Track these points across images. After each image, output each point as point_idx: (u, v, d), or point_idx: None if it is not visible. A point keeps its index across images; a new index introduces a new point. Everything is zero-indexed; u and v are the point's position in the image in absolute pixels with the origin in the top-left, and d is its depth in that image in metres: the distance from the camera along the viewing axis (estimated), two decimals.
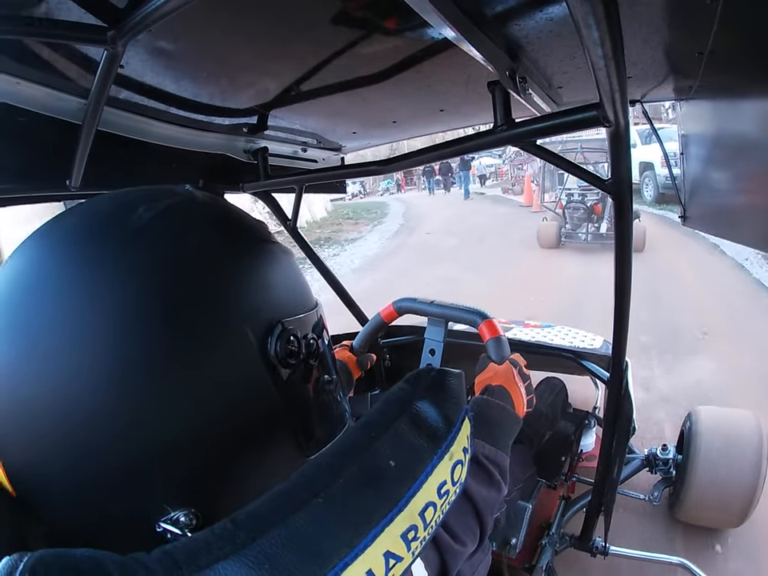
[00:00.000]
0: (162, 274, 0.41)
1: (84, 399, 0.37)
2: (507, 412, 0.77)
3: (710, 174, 1.20)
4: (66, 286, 0.39)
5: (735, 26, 0.65)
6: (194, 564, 0.31)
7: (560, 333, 2.13)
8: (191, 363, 0.40)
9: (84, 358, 0.37)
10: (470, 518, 0.56)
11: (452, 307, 1.09)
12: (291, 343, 0.46)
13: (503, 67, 0.72)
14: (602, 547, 1.44)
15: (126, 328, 0.38)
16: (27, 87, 0.74)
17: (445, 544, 0.50)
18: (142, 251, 0.41)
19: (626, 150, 0.68)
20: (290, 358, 0.46)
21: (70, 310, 0.38)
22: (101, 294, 0.39)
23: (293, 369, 0.47)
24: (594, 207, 7.25)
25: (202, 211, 0.48)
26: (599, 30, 0.46)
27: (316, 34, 0.69)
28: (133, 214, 0.43)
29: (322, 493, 0.37)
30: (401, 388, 0.51)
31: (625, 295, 0.92)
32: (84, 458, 0.38)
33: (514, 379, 0.85)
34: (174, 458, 0.39)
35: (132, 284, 0.39)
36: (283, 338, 0.45)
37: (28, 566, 0.27)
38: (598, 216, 7.26)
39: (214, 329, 0.42)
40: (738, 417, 1.75)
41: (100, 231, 0.42)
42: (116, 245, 0.41)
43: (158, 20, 0.54)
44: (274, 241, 0.52)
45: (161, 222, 0.43)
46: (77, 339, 0.38)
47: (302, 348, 0.48)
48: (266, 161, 1.19)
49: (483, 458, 0.63)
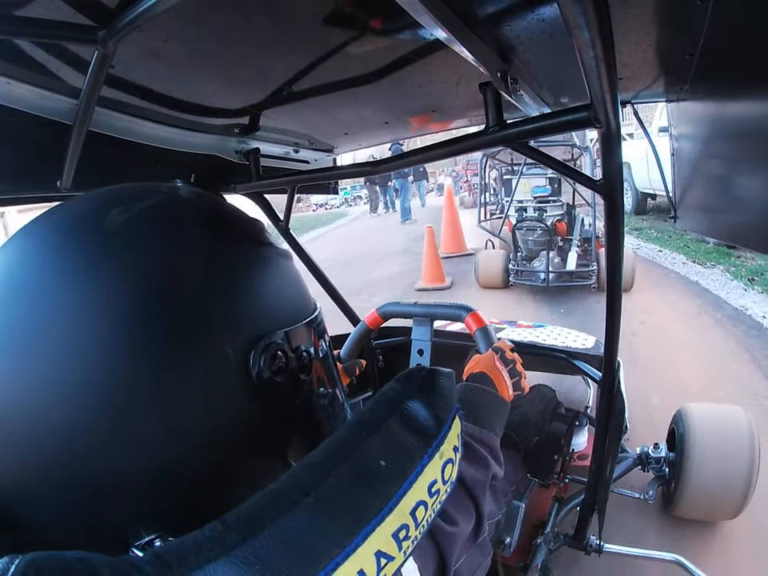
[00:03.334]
0: (130, 286, 0.38)
1: (46, 417, 0.36)
2: (488, 394, 0.79)
3: (700, 175, 1.21)
4: (33, 296, 0.37)
5: (726, 28, 0.66)
6: (184, 565, 0.31)
7: (552, 333, 2.14)
8: (159, 384, 0.38)
9: (46, 371, 0.36)
10: (461, 497, 0.57)
11: (436, 306, 1.10)
12: (278, 358, 0.45)
13: (494, 68, 0.72)
14: (596, 545, 1.45)
15: (88, 344, 0.37)
16: (17, 87, 0.73)
17: (438, 528, 0.51)
18: (109, 260, 0.39)
19: (617, 150, 0.68)
20: (276, 375, 0.44)
21: (35, 321, 0.37)
22: (65, 304, 0.37)
23: (279, 386, 0.45)
24: (557, 226, 4.86)
25: (183, 213, 0.46)
26: (590, 31, 0.47)
27: (308, 35, 0.69)
28: (106, 217, 0.41)
29: (313, 492, 0.37)
30: (391, 387, 0.51)
31: (616, 296, 0.92)
32: (52, 479, 0.37)
33: (495, 364, 0.87)
34: (147, 481, 0.38)
35: (97, 296, 0.38)
36: (268, 353, 0.43)
37: (20, 568, 0.27)
38: (562, 237, 4.89)
39: (185, 347, 0.39)
40: (726, 412, 1.78)
41: (71, 236, 0.40)
42: (85, 251, 0.39)
43: (149, 19, 0.54)
44: (268, 243, 0.50)
45: (133, 227, 0.41)
46: (39, 351, 0.36)
47: (290, 363, 0.46)
48: (257, 162, 1.19)
49: (467, 437, 0.63)
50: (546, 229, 4.75)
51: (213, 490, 0.42)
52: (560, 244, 4.91)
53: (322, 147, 1.44)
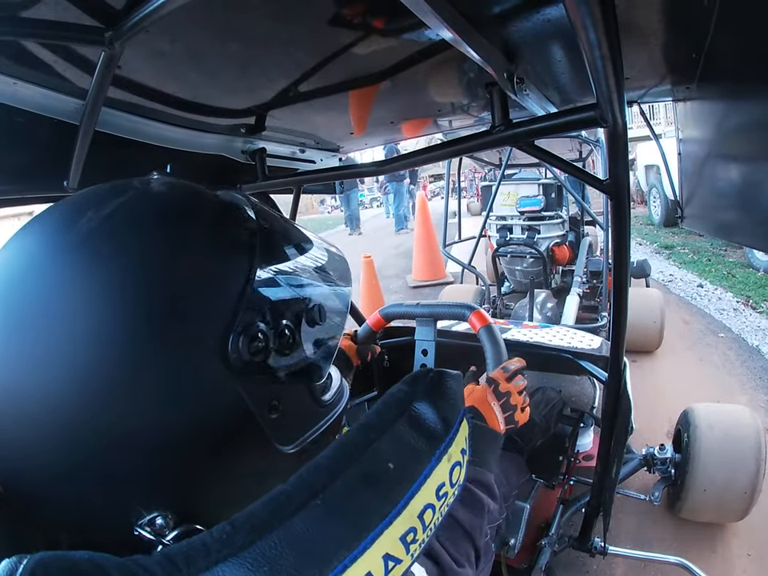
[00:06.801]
0: (106, 283, 0.40)
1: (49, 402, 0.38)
2: (480, 428, 0.75)
3: (707, 175, 1.20)
4: (22, 292, 0.40)
5: (731, 28, 0.65)
6: (193, 566, 0.31)
7: (558, 333, 2.12)
8: (147, 372, 0.39)
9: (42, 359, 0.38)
10: (462, 541, 0.56)
11: (438, 305, 1.10)
12: (257, 339, 0.44)
13: (500, 68, 0.72)
14: (600, 547, 1.44)
15: (73, 336, 0.39)
16: (25, 88, 0.74)
17: (448, 569, 0.49)
18: (83, 260, 0.41)
19: (623, 150, 0.68)
20: (254, 355, 0.44)
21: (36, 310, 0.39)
22: (47, 300, 0.39)
23: (259, 364, 0.45)
24: (555, 252, 3.35)
25: (156, 207, 0.47)
26: (597, 31, 0.47)
27: (314, 35, 0.69)
28: (83, 217, 0.43)
29: (321, 495, 0.37)
30: (399, 389, 0.51)
31: (622, 295, 0.92)
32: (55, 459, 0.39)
33: (487, 399, 0.83)
34: (143, 460, 0.40)
35: (75, 294, 0.40)
36: (247, 335, 0.43)
37: (28, 569, 0.28)
38: (562, 266, 3.49)
39: (163, 335, 0.41)
40: (733, 412, 1.76)
41: (52, 236, 0.43)
42: (63, 251, 0.41)
43: (155, 21, 0.54)
44: (240, 225, 0.49)
45: (106, 226, 0.42)
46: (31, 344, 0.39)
47: (269, 341, 0.46)
48: (263, 161, 1.19)
49: None
50: (538, 256, 3.29)
51: (206, 469, 0.43)
52: (557, 288, 3.49)
53: (327, 147, 1.44)
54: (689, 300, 4.13)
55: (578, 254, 3.40)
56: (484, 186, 3.94)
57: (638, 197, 8.59)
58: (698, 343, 3.25)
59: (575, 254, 3.45)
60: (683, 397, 2.28)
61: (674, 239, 6.11)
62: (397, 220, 10.17)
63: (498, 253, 3.49)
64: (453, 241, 3.94)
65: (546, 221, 3.37)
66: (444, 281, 5.31)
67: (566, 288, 3.32)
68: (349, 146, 1.49)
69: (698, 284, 4.49)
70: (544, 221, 3.37)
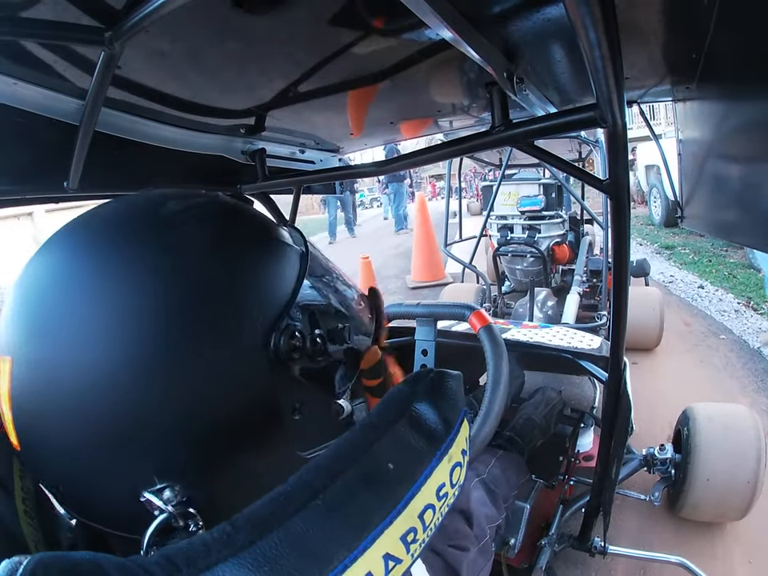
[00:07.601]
0: (173, 280, 0.44)
1: (95, 365, 0.41)
2: None
3: (707, 175, 1.20)
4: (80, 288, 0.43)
5: (731, 28, 0.65)
6: (192, 567, 0.31)
7: (558, 333, 2.12)
8: (197, 349, 0.43)
9: (99, 334, 0.41)
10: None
11: (438, 305, 1.11)
12: (296, 339, 0.48)
13: (500, 68, 0.72)
14: (600, 547, 1.45)
15: (140, 311, 0.42)
16: (24, 88, 0.74)
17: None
18: (163, 242, 0.45)
19: (623, 150, 0.68)
20: (291, 352, 0.48)
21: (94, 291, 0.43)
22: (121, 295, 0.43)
23: (292, 363, 0.49)
24: (555, 251, 3.45)
25: (224, 210, 0.53)
26: (596, 31, 0.47)
27: (313, 35, 0.69)
28: (162, 207, 0.48)
29: (321, 495, 0.37)
30: (399, 390, 0.51)
31: (622, 296, 0.92)
32: (88, 414, 0.41)
33: None
34: (170, 432, 0.42)
35: (153, 287, 0.43)
36: (287, 334, 0.47)
37: (28, 569, 0.28)
38: (562, 265, 3.54)
39: (223, 320, 0.45)
40: (733, 411, 1.76)
41: (129, 221, 0.47)
42: (143, 231, 0.46)
43: (155, 21, 0.54)
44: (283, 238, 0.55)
45: (187, 215, 0.48)
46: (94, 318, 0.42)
47: (306, 343, 0.50)
48: (263, 162, 1.19)
49: None
50: (538, 256, 3.38)
51: (227, 453, 0.46)
52: (558, 288, 3.50)
53: (327, 147, 1.44)
54: (689, 301, 4.14)
55: (578, 253, 3.47)
56: (484, 186, 4.05)
57: (639, 197, 8.60)
58: (699, 345, 3.27)
59: (575, 254, 3.53)
60: (684, 399, 2.16)
61: (675, 239, 6.16)
62: (397, 220, 10.45)
63: (498, 252, 3.58)
64: (454, 240, 3.97)
65: (546, 220, 3.47)
66: (443, 282, 5.31)
67: (566, 287, 3.38)
68: (349, 147, 1.49)
69: (699, 285, 4.50)
70: (544, 220, 3.47)
